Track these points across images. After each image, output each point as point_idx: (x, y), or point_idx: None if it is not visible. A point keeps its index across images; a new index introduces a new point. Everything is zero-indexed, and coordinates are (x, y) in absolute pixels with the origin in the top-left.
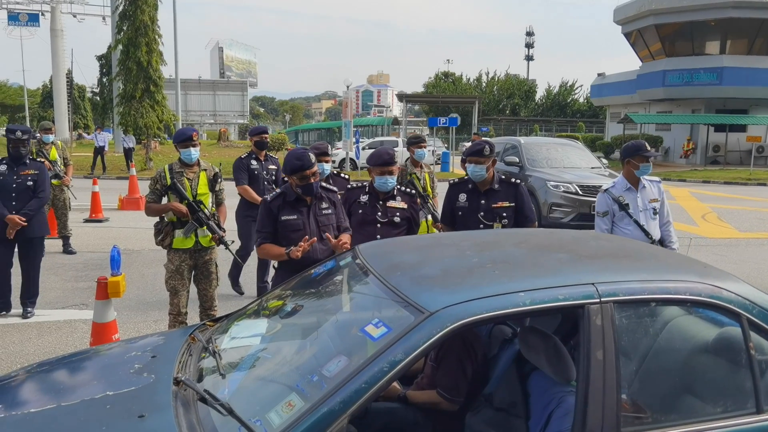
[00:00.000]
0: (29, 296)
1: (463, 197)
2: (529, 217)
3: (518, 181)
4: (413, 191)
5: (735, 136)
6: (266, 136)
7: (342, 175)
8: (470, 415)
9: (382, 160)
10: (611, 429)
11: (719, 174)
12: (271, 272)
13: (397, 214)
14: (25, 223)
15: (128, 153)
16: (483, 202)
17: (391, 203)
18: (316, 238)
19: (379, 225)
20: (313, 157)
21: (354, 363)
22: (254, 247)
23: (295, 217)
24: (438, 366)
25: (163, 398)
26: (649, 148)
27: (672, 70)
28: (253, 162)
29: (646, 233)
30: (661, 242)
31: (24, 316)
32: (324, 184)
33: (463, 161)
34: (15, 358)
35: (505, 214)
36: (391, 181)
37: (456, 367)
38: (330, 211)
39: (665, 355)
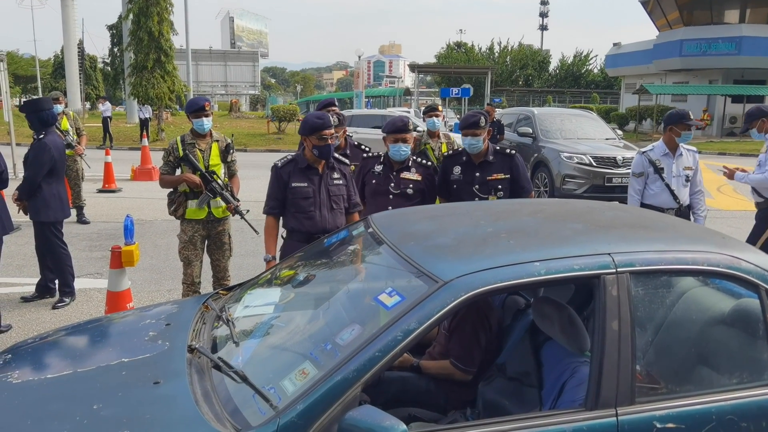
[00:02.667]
0: (51, 282)
1: (457, 170)
2: (525, 188)
3: (513, 151)
4: (429, 163)
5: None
6: (335, 108)
7: (362, 146)
8: (483, 385)
9: (395, 127)
10: (625, 400)
11: (735, 146)
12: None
13: (411, 185)
14: (17, 201)
15: (144, 123)
16: (477, 174)
17: (404, 174)
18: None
19: (391, 196)
20: (332, 119)
21: (368, 331)
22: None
23: (305, 184)
24: (451, 336)
25: (177, 365)
26: (692, 117)
27: (689, 39)
28: None
29: (675, 198)
30: (690, 209)
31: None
32: (337, 155)
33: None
34: (31, 326)
35: (500, 186)
36: (405, 149)
37: (470, 337)
38: (341, 181)
39: (681, 326)
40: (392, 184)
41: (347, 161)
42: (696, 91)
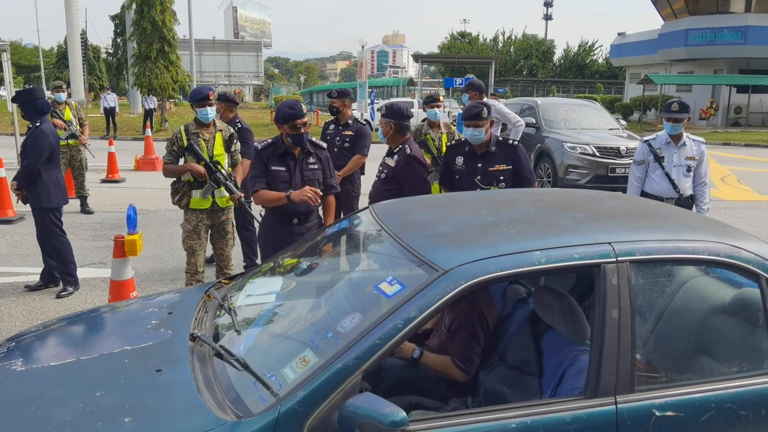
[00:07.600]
0: (55, 271)
1: (460, 160)
2: (528, 179)
3: (516, 142)
4: (409, 151)
5: (758, 97)
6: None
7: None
8: (484, 373)
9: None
10: (625, 388)
11: (740, 136)
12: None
13: (384, 171)
14: (17, 191)
15: (149, 113)
16: (480, 165)
17: (387, 160)
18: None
19: (376, 179)
20: (305, 108)
21: (368, 320)
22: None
23: (282, 168)
24: (453, 336)
25: (179, 353)
26: (674, 108)
27: (695, 28)
28: (331, 126)
29: (675, 188)
30: (693, 200)
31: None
32: (314, 139)
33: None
34: (36, 315)
35: (502, 177)
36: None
37: (472, 338)
38: (316, 166)
39: (681, 316)
40: (381, 168)
41: (324, 145)
42: (701, 81)
